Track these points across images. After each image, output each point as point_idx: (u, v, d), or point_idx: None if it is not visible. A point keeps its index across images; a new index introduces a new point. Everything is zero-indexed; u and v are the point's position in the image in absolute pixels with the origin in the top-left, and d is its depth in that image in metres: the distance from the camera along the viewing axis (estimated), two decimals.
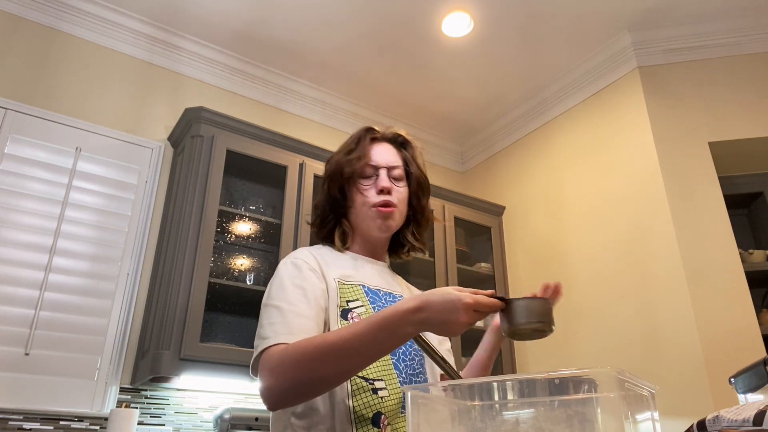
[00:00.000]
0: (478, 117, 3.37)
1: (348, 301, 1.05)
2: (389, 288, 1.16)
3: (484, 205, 3.13)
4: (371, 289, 1.11)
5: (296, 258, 1.07)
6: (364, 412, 0.95)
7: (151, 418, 2.16)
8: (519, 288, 3.02)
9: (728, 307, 2.18)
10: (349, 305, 1.04)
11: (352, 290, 1.07)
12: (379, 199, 1.13)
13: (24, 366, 1.98)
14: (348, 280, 1.09)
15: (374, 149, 1.18)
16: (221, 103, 2.77)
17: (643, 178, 2.50)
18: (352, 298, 1.06)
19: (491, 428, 0.66)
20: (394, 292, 1.16)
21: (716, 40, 2.60)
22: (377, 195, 1.13)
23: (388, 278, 1.19)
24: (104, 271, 2.23)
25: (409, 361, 1.07)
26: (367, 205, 1.14)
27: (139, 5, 2.56)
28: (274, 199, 2.55)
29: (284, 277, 1.03)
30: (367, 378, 0.97)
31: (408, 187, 1.20)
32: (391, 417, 0.98)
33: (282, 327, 0.94)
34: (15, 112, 2.24)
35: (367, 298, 1.08)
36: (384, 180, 1.14)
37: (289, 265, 1.06)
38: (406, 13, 2.58)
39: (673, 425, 2.02)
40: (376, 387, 0.98)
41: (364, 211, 1.14)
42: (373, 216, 1.13)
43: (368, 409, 0.95)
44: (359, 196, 1.14)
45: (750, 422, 0.67)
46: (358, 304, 1.05)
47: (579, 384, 0.62)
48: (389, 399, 0.98)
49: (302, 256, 1.08)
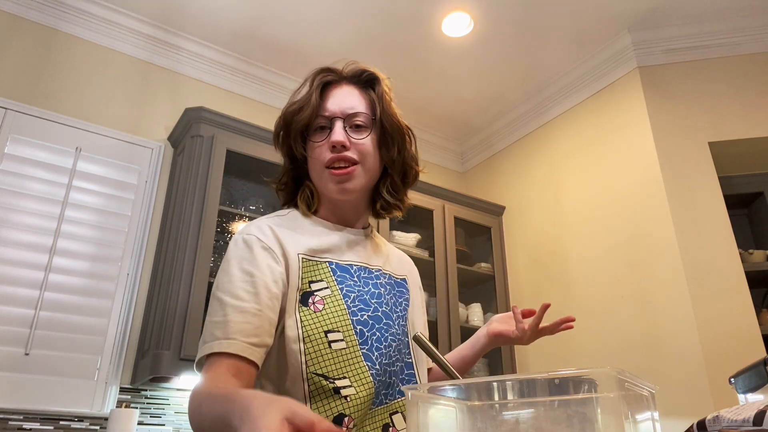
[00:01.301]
0: (478, 117, 3.37)
1: (310, 282, 0.90)
2: (365, 261, 0.99)
3: (484, 205, 3.13)
4: (340, 265, 0.95)
5: (249, 234, 0.91)
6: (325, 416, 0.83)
7: (151, 418, 2.16)
8: (519, 288, 3.03)
9: (728, 307, 2.18)
10: (312, 287, 0.90)
11: (316, 268, 0.92)
12: (330, 156, 0.93)
13: (24, 366, 1.99)
14: (314, 255, 0.93)
15: (330, 95, 0.97)
16: (221, 103, 2.77)
17: (643, 178, 2.50)
18: (315, 279, 0.91)
19: (491, 428, 0.66)
20: (370, 266, 0.99)
21: (716, 40, 2.61)
22: (329, 152, 0.94)
23: (365, 248, 1.01)
24: (104, 271, 2.23)
25: (384, 349, 0.92)
26: (321, 167, 0.95)
27: (139, 5, 2.56)
28: (274, 199, 2.56)
29: (232, 260, 0.88)
30: (327, 376, 0.85)
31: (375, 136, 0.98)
32: (358, 416, 0.86)
33: (221, 330, 0.82)
34: (15, 112, 2.24)
35: (334, 277, 0.92)
36: (335, 133, 0.93)
37: (240, 243, 0.90)
38: (406, 13, 2.58)
39: (673, 425, 2.02)
40: (338, 386, 0.85)
41: (319, 174, 0.96)
42: (327, 178, 0.95)
43: (328, 412, 0.84)
44: (311, 155, 0.96)
45: (750, 422, 0.67)
46: (322, 285, 0.91)
47: (579, 384, 0.62)
48: (356, 397, 0.85)
49: (256, 232, 0.91)
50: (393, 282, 1.03)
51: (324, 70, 0.99)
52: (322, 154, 0.95)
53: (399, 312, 1.00)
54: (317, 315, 0.88)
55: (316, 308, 0.88)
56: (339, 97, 0.97)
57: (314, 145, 0.96)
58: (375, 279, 0.98)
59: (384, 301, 0.96)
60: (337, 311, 0.89)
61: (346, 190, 0.95)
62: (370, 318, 0.92)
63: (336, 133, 0.93)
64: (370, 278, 0.97)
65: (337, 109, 0.96)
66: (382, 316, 0.94)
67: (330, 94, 0.97)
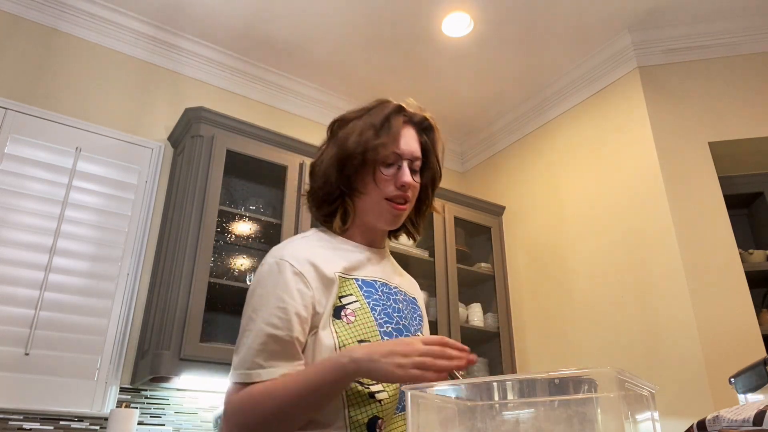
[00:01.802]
0: (478, 117, 3.37)
1: (341, 297, 0.98)
2: (386, 279, 1.08)
3: (484, 205, 3.13)
4: (366, 281, 1.03)
5: (282, 259, 0.96)
6: (359, 418, 0.91)
7: (151, 418, 2.16)
8: (519, 288, 3.02)
9: (728, 307, 2.18)
10: (342, 301, 0.97)
11: (346, 284, 1.00)
12: (397, 194, 1.02)
13: (24, 366, 1.98)
14: (345, 273, 1.01)
15: (403, 134, 1.05)
16: (221, 103, 2.77)
17: (643, 178, 2.50)
18: (345, 293, 0.99)
19: (491, 428, 0.66)
20: (390, 283, 1.08)
21: (716, 40, 2.61)
22: (395, 189, 1.02)
23: (386, 268, 1.11)
24: (104, 271, 2.23)
25: None
26: (380, 197, 1.03)
27: (139, 5, 2.56)
28: (274, 199, 2.55)
29: (267, 282, 0.95)
30: (362, 382, 0.92)
31: (422, 179, 1.09)
32: (387, 419, 0.94)
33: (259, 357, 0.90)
34: (15, 112, 2.24)
35: (361, 292, 1.00)
36: (406, 174, 1.02)
37: (273, 267, 0.96)
38: (406, 13, 2.58)
39: (673, 425, 2.02)
40: (373, 391, 0.92)
41: (376, 202, 1.03)
42: (385, 209, 1.03)
43: (363, 415, 0.91)
44: (374, 186, 1.03)
45: (750, 422, 0.67)
46: (352, 299, 0.98)
47: (579, 384, 0.62)
48: (388, 401, 0.93)
49: (288, 257, 0.97)
50: (407, 299, 1.12)
51: (401, 109, 1.08)
52: (387, 187, 1.03)
53: (415, 326, 1.09)
54: (350, 326, 0.95)
55: (348, 320, 0.96)
56: (406, 138, 1.05)
57: (382, 176, 1.03)
58: (394, 295, 1.07)
59: (403, 316, 1.05)
60: (366, 323, 0.97)
61: (396, 223, 1.06)
62: (393, 329, 1.01)
63: (406, 175, 1.02)
64: (391, 294, 1.06)
65: (406, 151, 1.04)
66: (402, 329, 1.03)
67: (401, 134, 1.05)
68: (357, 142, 1.02)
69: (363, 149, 1.01)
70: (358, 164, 1.02)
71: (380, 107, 1.07)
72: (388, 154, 1.02)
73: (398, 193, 1.02)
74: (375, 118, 1.04)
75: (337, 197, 1.06)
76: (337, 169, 1.03)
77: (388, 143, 1.02)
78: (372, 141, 1.01)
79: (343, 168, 1.03)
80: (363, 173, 1.03)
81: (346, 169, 1.03)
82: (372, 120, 1.04)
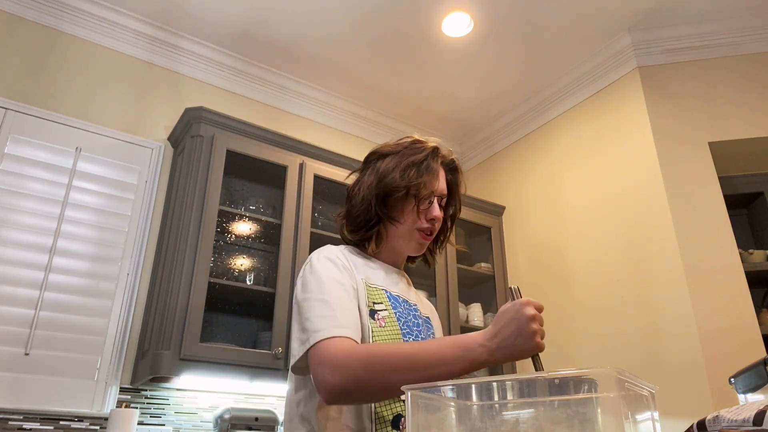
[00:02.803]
0: (478, 117, 3.37)
1: (374, 303, 1.07)
2: (406, 296, 1.19)
3: (484, 205, 3.13)
4: (392, 295, 1.14)
5: (330, 254, 1.08)
6: (384, 413, 0.96)
7: (151, 418, 2.16)
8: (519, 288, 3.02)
9: (728, 307, 2.18)
10: (375, 307, 1.07)
11: (376, 293, 1.10)
12: (427, 226, 1.16)
13: (24, 366, 1.98)
14: (372, 283, 1.11)
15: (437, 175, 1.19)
16: (221, 103, 2.77)
17: (643, 178, 2.50)
18: (377, 301, 1.08)
19: (491, 428, 0.66)
20: (410, 300, 1.19)
21: (716, 40, 2.61)
22: (425, 222, 1.16)
23: (405, 287, 1.22)
24: (104, 271, 2.23)
25: None
26: (413, 227, 1.16)
27: (139, 5, 2.56)
28: (274, 199, 2.55)
29: (321, 272, 1.04)
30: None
31: (444, 213, 1.22)
32: None
33: (333, 320, 0.94)
34: (15, 112, 2.24)
35: (390, 303, 1.10)
36: (437, 210, 1.17)
37: (323, 260, 1.07)
38: (406, 13, 2.58)
39: (673, 425, 2.02)
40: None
41: (409, 231, 1.16)
42: (416, 238, 1.17)
43: (389, 411, 0.97)
44: (410, 216, 1.15)
45: (750, 422, 0.67)
46: (382, 307, 1.08)
47: (579, 384, 0.62)
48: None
49: (334, 254, 1.09)
50: (423, 318, 1.21)
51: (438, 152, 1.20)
52: (420, 219, 1.15)
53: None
54: (381, 329, 1.04)
55: (380, 324, 1.05)
56: (440, 178, 1.19)
57: (420, 210, 1.15)
58: (414, 311, 1.17)
59: (421, 330, 1.15)
60: (393, 331, 1.06)
61: (421, 250, 1.20)
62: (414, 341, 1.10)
63: (436, 210, 1.17)
64: (410, 310, 1.16)
65: (438, 189, 1.18)
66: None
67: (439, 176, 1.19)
68: (401, 178, 1.14)
69: (407, 185, 1.13)
70: (400, 197, 1.14)
71: (419, 147, 1.19)
72: (427, 192, 1.15)
73: (428, 225, 1.16)
74: (416, 158, 1.16)
75: (374, 224, 1.16)
76: (380, 199, 1.15)
77: (428, 183, 1.15)
78: (415, 179, 1.14)
79: (385, 199, 1.14)
80: (402, 205, 1.15)
81: (388, 200, 1.15)
82: (413, 159, 1.16)
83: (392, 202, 1.15)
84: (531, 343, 0.84)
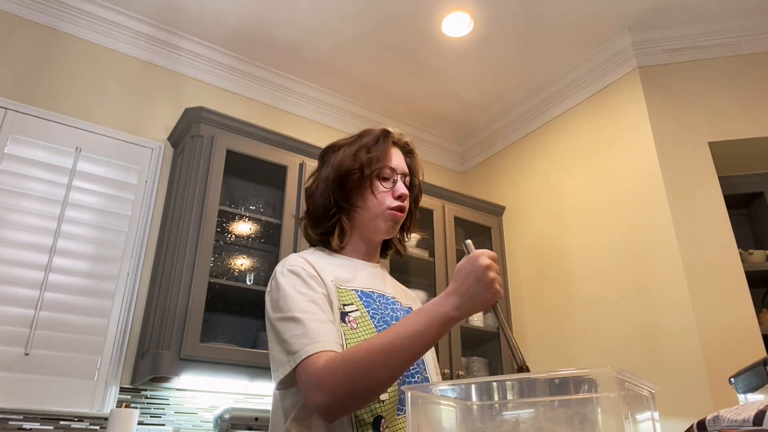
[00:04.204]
0: (478, 117, 3.37)
1: (345, 305, 1.05)
2: (382, 290, 1.16)
3: (484, 205, 3.13)
4: (365, 292, 1.11)
5: (292, 266, 1.05)
6: (365, 416, 0.95)
7: (151, 418, 2.16)
8: (519, 288, 3.02)
9: (728, 307, 2.18)
10: (346, 309, 1.04)
11: (347, 294, 1.07)
12: (396, 204, 1.15)
13: (24, 366, 1.98)
14: (343, 284, 1.08)
15: (392, 153, 1.19)
16: (221, 103, 2.77)
17: (643, 178, 2.50)
18: (348, 302, 1.05)
19: (491, 428, 0.66)
20: (386, 294, 1.16)
21: (716, 40, 2.61)
22: (394, 200, 1.15)
23: (380, 280, 1.19)
24: (104, 271, 2.23)
25: None
26: (381, 208, 1.14)
27: (139, 5, 2.56)
28: (274, 199, 2.55)
29: (286, 288, 1.01)
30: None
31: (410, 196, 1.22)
32: (389, 419, 0.97)
33: (306, 338, 0.93)
34: (15, 112, 2.24)
35: (361, 302, 1.08)
36: (402, 187, 1.16)
37: (287, 273, 1.04)
38: (406, 13, 2.58)
39: (673, 425, 2.03)
40: None
41: (376, 213, 1.14)
42: (386, 218, 1.15)
43: (370, 414, 0.96)
44: (372, 198, 1.14)
45: (750, 422, 0.67)
46: (353, 308, 1.05)
47: (579, 384, 0.62)
48: (388, 401, 0.98)
49: (297, 263, 1.06)
50: (404, 309, 1.19)
51: (388, 132, 1.20)
52: (386, 198, 1.15)
53: None
54: (353, 332, 1.02)
55: (351, 326, 1.02)
56: (397, 157, 1.19)
57: (381, 189, 1.15)
58: (392, 305, 1.14)
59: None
60: (367, 330, 1.03)
61: (394, 230, 1.18)
62: None
63: (403, 187, 1.17)
64: (388, 304, 1.13)
65: (399, 166, 1.18)
66: None
67: (392, 153, 1.19)
68: (353, 160, 1.14)
69: (360, 165, 1.13)
70: (356, 179, 1.13)
71: (368, 132, 1.20)
72: (383, 168, 1.15)
73: (397, 203, 1.15)
74: (366, 140, 1.17)
75: (334, 214, 1.15)
76: (337, 186, 1.14)
77: (381, 157, 1.15)
78: (366, 156, 1.14)
79: (342, 184, 1.14)
80: (362, 188, 1.14)
81: (345, 184, 1.14)
82: (363, 143, 1.17)
83: (350, 187, 1.14)
84: (491, 291, 0.88)
